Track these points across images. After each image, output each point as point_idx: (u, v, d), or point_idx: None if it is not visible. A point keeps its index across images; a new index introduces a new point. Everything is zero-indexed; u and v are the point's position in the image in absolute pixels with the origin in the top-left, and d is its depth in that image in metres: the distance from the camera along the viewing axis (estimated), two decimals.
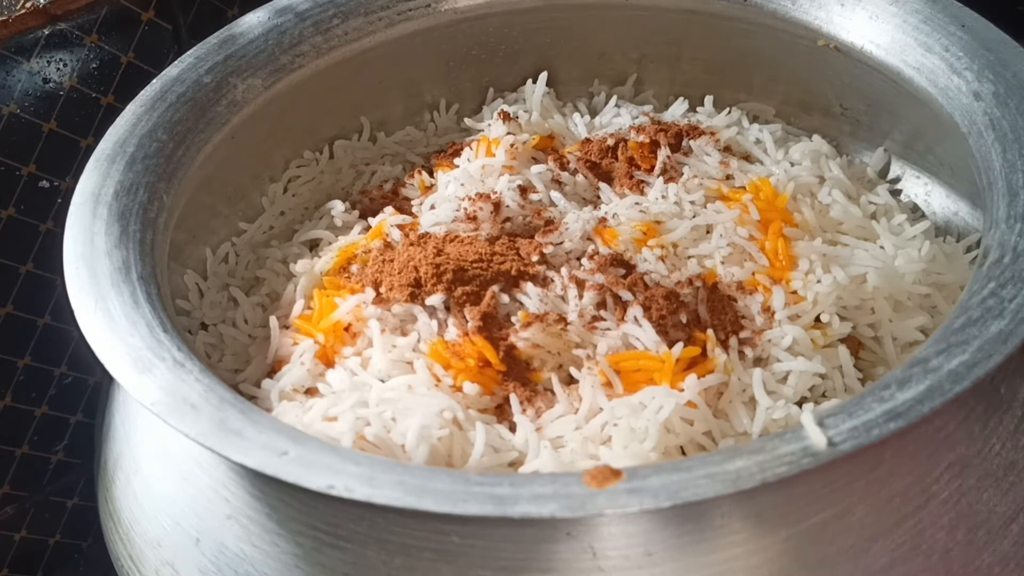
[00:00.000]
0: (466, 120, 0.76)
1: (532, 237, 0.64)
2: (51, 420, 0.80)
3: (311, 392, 0.58)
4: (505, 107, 0.74)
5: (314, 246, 0.69)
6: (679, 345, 0.56)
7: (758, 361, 0.59)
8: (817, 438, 0.44)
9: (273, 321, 0.61)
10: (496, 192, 0.66)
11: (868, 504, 0.47)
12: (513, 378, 0.57)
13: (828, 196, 0.66)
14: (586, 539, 0.45)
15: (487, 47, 0.77)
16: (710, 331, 0.58)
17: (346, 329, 0.60)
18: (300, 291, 0.63)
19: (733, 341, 0.58)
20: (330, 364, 0.59)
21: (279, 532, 0.50)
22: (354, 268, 0.64)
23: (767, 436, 0.45)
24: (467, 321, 0.58)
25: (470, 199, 0.65)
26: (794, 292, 0.60)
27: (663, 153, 0.68)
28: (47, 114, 0.72)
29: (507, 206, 0.65)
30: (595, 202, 0.68)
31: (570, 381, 0.57)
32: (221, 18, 0.80)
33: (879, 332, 0.60)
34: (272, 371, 0.60)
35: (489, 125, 0.73)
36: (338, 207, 0.69)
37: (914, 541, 0.48)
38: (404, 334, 0.59)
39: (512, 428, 0.55)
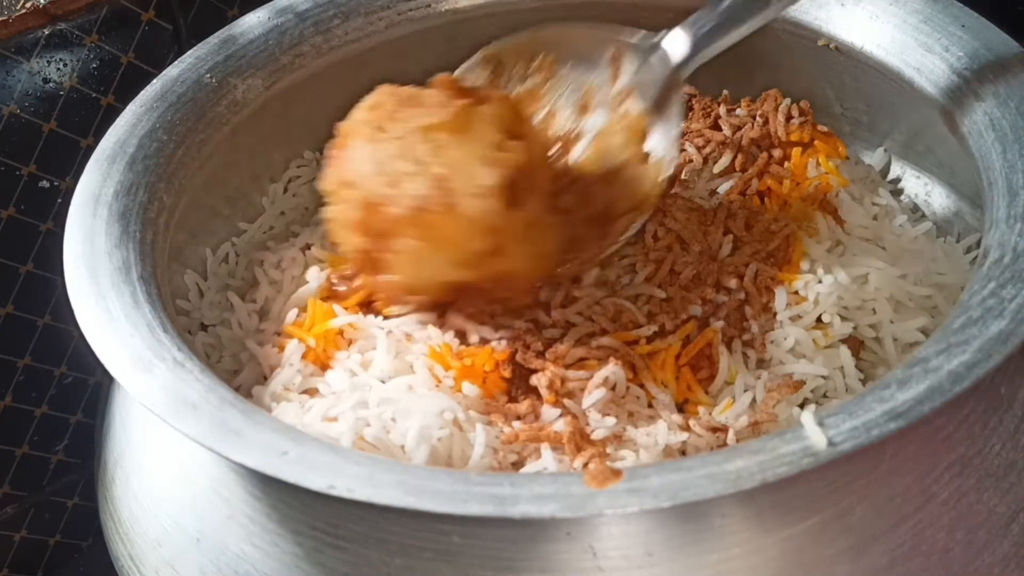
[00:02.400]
0: None
1: None
2: (51, 420, 0.80)
3: (311, 393, 0.58)
4: None
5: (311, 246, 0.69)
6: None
7: (760, 363, 0.59)
8: (817, 438, 0.44)
9: (253, 346, 0.61)
10: None
11: (868, 504, 0.47)
12: (517, 383, 0.57)
13: (835, 197, 0.66)
14: (586, 539, 0.45)
15: None
16: (719, 323, 0.58)
17: (340, 333, 0.60)
18: (292, 303, 0.63)
19: (737, 344, 0.58)
20: (323, 366, 0.59)
21: (279, 532, 0.50)
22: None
23: (767, 436, 0.45)
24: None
25: None
26: (795, 292, 0.60)
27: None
28: (47, 114, 0.72)
29: None
30: None
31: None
32: (221, 18, 0.80)
33: (880, 333, 0.60)
34: (265, 379, 0.60)
35: None
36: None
37: (914, 541, 0.48)
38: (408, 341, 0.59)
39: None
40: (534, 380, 0.56)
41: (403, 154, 0.56)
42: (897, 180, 0.72)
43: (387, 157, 0.56)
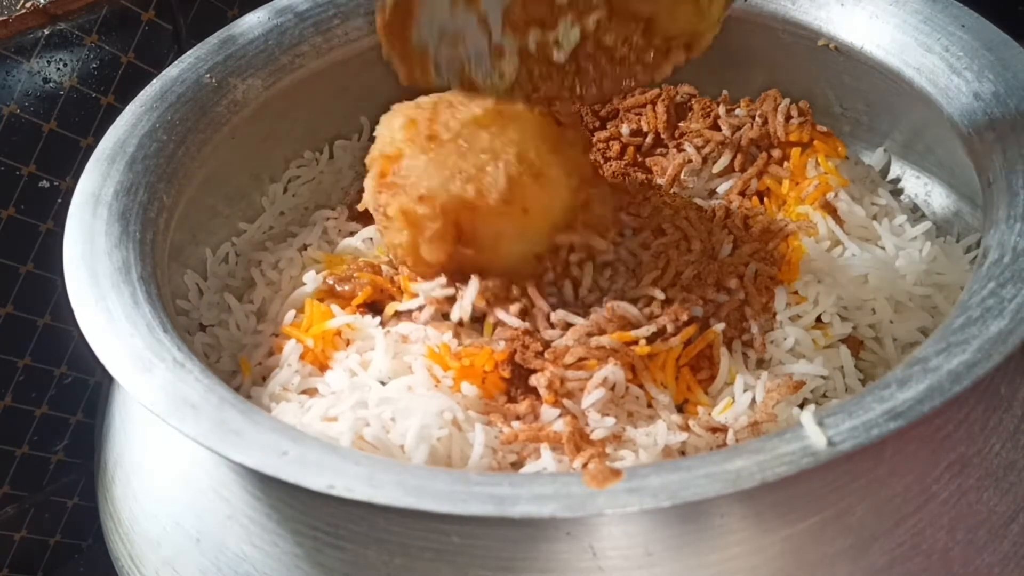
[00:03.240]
0: None
1: None
2: (51, 420, 0.80)
3: (310, 393, 0.58)
4: None
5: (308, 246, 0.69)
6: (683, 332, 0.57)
7: (760, 363, 0.59)
8: (817, 438, 0.44)
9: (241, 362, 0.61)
10: None
11: (868, 504, 0.47)
12: (516, 384, 0.57)
13: (835, 197, 0.66)
14: (586, 539, 0.45)
15: None
16: (720, 325, 0.58)
17: (338, 334, 0.60)
18: (289, 305, 0.63)
19: (737, 344, 0.58)
20: (322, 367, 0.59)
21: (279, 532, 0.50)
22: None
23: (767, 436, 0.45)
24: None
25: None
26: (795, 292, 0.60)
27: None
28: (47, 114, 0.72)
29: None
30: None
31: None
32: (221, 18, 0.79)
33: (880, 333, 0.60)
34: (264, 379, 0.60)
35: None
36: (331, 214, 0.70)
37: (914, 541, 0.48)
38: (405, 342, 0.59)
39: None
40: (533, 380, 0.56)
41: (471, 149, 0.57)
42: (897, 180, 0.72)
43: (457, 158, 0.57)
